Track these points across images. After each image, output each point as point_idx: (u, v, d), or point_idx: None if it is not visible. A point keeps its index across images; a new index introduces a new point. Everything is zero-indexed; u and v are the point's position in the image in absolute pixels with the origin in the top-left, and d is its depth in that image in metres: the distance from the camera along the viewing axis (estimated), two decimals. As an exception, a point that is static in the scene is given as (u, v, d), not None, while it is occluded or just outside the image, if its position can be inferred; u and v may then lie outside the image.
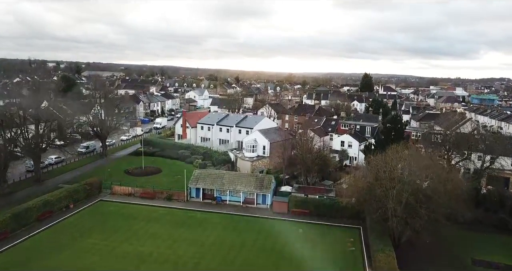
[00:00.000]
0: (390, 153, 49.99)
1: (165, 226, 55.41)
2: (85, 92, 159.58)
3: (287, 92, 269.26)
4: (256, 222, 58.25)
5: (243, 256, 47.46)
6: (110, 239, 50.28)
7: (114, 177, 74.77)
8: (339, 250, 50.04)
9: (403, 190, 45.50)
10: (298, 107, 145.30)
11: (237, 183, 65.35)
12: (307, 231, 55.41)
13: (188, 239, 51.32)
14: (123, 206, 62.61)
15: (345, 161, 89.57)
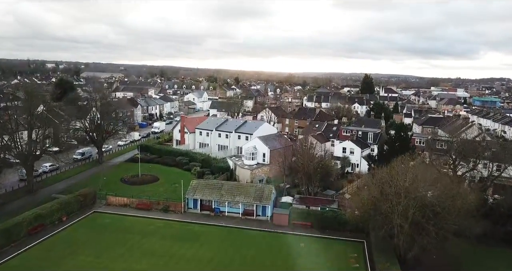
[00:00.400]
0: (395, 166, 47.77)
1: (161, 240, 53.17)
2: (83, 95, 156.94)
3: (287, 94, 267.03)
4: (256, 236, 56.07)
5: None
6: (103, 256, 48.05)
7: (110, 186, 72.68)
8: (342, 267, 47.90)
9: (410, 205, 43.34)
10: (299, 111, 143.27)
11: (236, 194, 63.14)
12: (309, 246, 53.25)
13: (185, 255, 49.11)
14: (118, 218, 60.40)
15: (347, 168, 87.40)
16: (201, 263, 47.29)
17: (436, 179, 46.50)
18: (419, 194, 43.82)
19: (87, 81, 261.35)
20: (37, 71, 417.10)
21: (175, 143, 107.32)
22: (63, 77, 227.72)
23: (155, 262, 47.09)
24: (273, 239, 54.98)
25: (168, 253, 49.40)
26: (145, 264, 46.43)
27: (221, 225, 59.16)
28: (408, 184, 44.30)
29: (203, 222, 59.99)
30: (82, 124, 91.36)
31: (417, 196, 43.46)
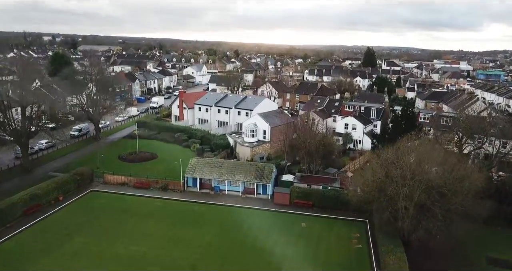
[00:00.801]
0: (402, 146, 46.01)
1: (160, 221, 52.06)
2: (80, 69, 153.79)
3: (288, 68, 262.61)
4: (257, 215, 54.95)
5: (243, 257, 44.24)
6: (100, 238, 46.96)
7: (108, 164, 71.30)
8: (344, 248, 46.95)
9: (416, 187, 41.84)
10: (300, 85, 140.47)
11: (236, 173, 61.75)
12: (311, 226, 52.25)
13: (184, 237, 48.03)
14: (116, 198, 59.24)
15: (349, 145, 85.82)
16: (201, 246, 46.24)
17: (443, 159, 44.72)
18: (426, 175, 42.20)
19: (84, 54, 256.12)
20: (34, 44, 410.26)
21: (174, 119, 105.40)
22: (59, 51, 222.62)
23: (154, 244, 46.01)
24: (274, 219, 53.89)
25: (166, 235, 48.28)
26: (143, 246, 45.37)
27: (221, 204, 58.04)
28: (415, 165, 42.66)
29: (202, 201, 58.84)
30: (78, 100, 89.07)
31: (423, 177, 41.86)
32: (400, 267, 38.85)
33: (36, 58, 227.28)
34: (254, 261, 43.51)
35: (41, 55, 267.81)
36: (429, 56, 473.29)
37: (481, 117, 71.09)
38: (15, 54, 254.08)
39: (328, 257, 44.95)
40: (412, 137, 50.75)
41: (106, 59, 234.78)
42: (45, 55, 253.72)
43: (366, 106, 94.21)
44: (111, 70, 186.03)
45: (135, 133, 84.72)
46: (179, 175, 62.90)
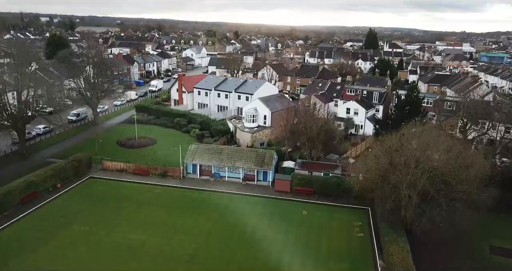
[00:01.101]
0: (406, 133, 44.90)
1: (159, 209, 51.36)
2: (78, 51, 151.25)
3: (289, 50, 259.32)
4: (257, 203, 54.26)
5: (243, 246, 43.65)
6: (98, 226, 46.33)
7: (106, 149, 70.34)
8: (346, 237, 46.37)
9: (420, 176, 40.93)
10: (301, 68, 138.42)
11: (236, 159, 60.78)
12: (311, 213, 51.59)
13: (184, 225, 47.39)
14: (115, 185, 58.39)
15: (351, 130, 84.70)
16: (201, 234, 45.62)
17: (448, 146, 43.67)
18: (430, 163, 41.22)
19: (82, 36, 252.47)
20: (31, 25, 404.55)
21: (173, 103, 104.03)
22: (55, 32, 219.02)
23: (153, 232, 45.40)
24: (275, 207, 53.22)
25: (166, 223, 47.63)
26: (142, 235, 44.74)
27: (221, 191, 57.29)
28: (419, 153, 41.64)
29: (202, 188, 58.06)
30: (76, 84, 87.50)
31: (428, 165, 40.90)
32: (403, 257, 38.19)
33: (33, 40, 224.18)
34: (254, 249, 42.94)
35: (38, 37, 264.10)
36: (431, 38, 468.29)
37: (486, 102, 69.82)
38: (11, 35, 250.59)
39: (330, 245, 44.36)
40: (416, 123, 49.53)
41: (104, 41, 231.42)
42: (42, 37, 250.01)
43: (368, 90, 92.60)
44: (109, 52, 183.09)
45: (133, 118, 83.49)
46: (178, 161, 61.99)
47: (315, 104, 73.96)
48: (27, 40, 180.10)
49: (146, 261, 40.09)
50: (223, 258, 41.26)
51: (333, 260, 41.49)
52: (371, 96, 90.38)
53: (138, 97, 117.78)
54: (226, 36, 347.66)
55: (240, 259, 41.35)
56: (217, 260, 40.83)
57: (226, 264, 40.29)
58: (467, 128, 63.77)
